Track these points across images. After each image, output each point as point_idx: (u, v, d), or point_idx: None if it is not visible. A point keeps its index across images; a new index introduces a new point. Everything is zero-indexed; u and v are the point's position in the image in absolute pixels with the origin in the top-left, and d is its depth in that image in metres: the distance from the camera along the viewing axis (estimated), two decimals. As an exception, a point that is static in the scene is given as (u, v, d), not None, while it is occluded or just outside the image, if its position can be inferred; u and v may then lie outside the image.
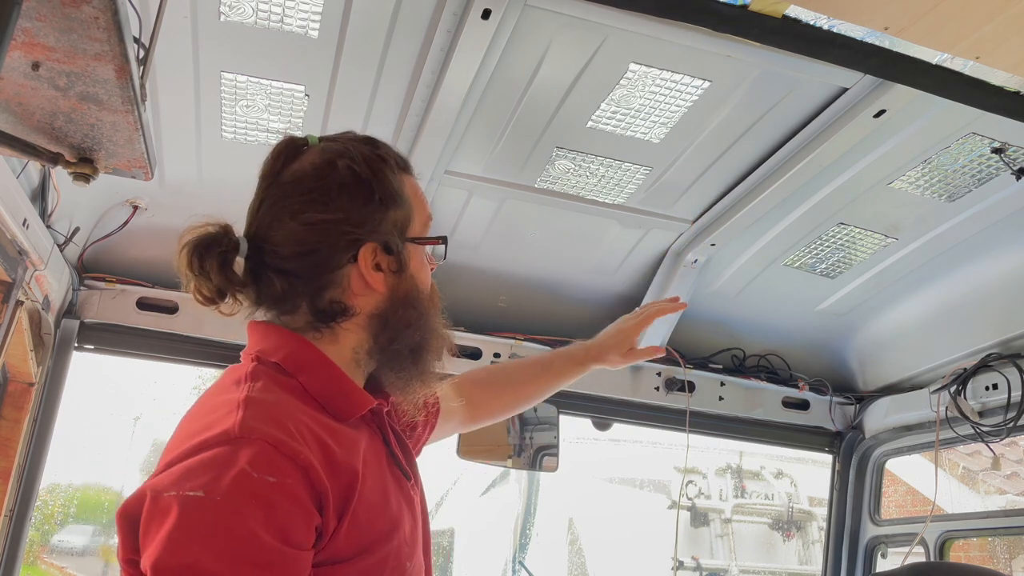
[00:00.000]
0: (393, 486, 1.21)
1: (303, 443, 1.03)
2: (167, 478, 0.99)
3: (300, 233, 1.19)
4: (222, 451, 0.99)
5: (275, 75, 2.02)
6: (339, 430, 1.14)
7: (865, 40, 1.67)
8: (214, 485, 0.96)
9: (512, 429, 2.89)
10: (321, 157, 1.23)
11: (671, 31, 1.83)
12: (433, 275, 1.37)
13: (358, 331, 1.23)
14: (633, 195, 2.50)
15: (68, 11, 1.02)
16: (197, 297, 1.21)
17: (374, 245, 1.22)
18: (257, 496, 0.96)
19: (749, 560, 10.04)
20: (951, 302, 2.74)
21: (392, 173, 1.27)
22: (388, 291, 1.24)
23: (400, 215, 1.26)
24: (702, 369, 3.09)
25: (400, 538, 1.15)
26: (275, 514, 0.97)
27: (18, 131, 1.37)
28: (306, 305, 1.21)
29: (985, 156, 2.15)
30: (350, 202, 1.20)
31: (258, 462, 0.98)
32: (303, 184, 1.21)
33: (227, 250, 1.20)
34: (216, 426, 1.03)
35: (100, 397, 8.63)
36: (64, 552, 8.44)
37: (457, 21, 1.83)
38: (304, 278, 1.20)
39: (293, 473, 1.00)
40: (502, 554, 9.53)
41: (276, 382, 1.15)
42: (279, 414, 1.07)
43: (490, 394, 1.84)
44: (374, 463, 1.18)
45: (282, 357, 1.18)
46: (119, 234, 2.55)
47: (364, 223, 1.21)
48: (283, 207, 1.21)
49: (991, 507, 7.37)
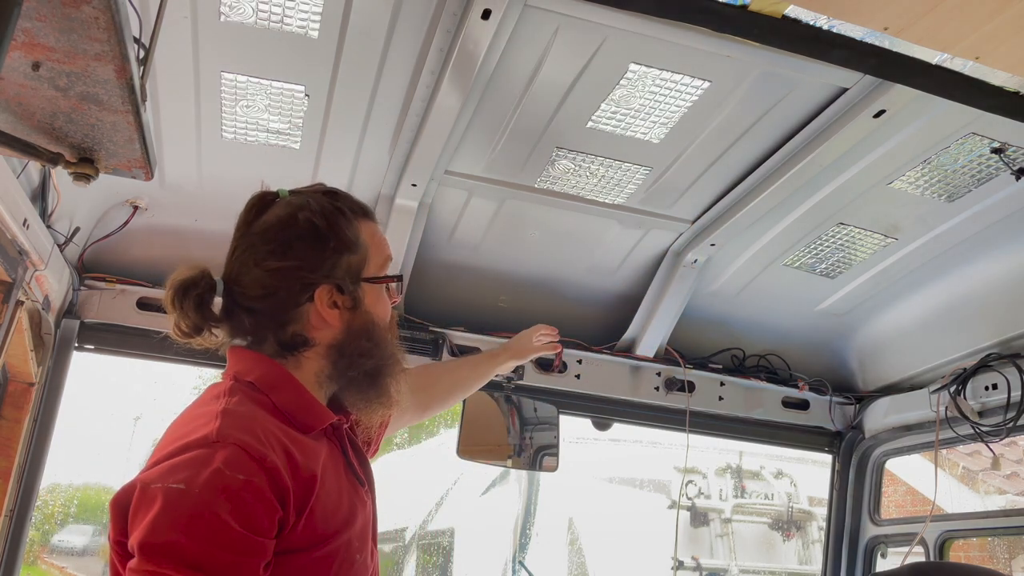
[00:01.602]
0: (348, 490, 1.39)
1: (270, 448, 1.22)
2: (155, 472, 1.17)
3: (263, 278, 1.38)
4: (202, 452, 1.18)
5: (275, 75, 2.02)
6: (302, 440, 1.33)
7: (865, 40, 1.67)
8: (194, 480, 1.14)
9: (512, 429, 2.90)
10: (285, 210, 1.42)
11: (671, 31, 1.83)
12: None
13: (318, 359, 1.43)
14: (633, 195, 2.50)
15: (68, 11, 1.02)
16: (175, 332, 1.40)
17: (329, 287, 1.40)
18: (228, 491, 1.14)
19: (749, 560, 10.04)
20: (951, 302, 2.75)
21: (348, 223, 1.44)
22: (344, 325, 1.43)
23: (355, 259, 1.44)
24: (702, 369, 3.09)
25: (352, 533, 1.34)
26: (243, 506, 1.15)
27: (18, 131, 1.37)
28: (272, 337, 1.41)
29: (985, 156, 2.15)
30: (306, 251, 1.39)
31: (231, 462, 1.17)
32: (267, 235, 1.40)
33: (203, 292, 1.39)
34: (198, 432, 1.22)
35: (100, 397, 8.64)
36: (64, 552, 8.44)
37: (457, 21, 1.83)
38: (268, 315, 1.40)
39: (260, 473, 1.18)
40: (502, 554, 9.54)
41: (250, 398, 1.34)
42: (251, 424, 1.26)
43: (430, 382, 2.17)
44: (332, 470, 1.37)
45: (255, 377, 1.37)
46: (119, 234, 2.55)
47: (318, 268, 1.40)
48: (250, 255, 1.40)
49: (991, 507, 7.37)
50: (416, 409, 2.09)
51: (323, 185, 1.52)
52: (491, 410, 2.88)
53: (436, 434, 11.23)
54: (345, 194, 1.51)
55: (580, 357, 2.98)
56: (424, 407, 2.15)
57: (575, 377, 2.97)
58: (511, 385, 2.88)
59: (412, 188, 2.41)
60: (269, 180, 2.41)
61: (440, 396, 2.24)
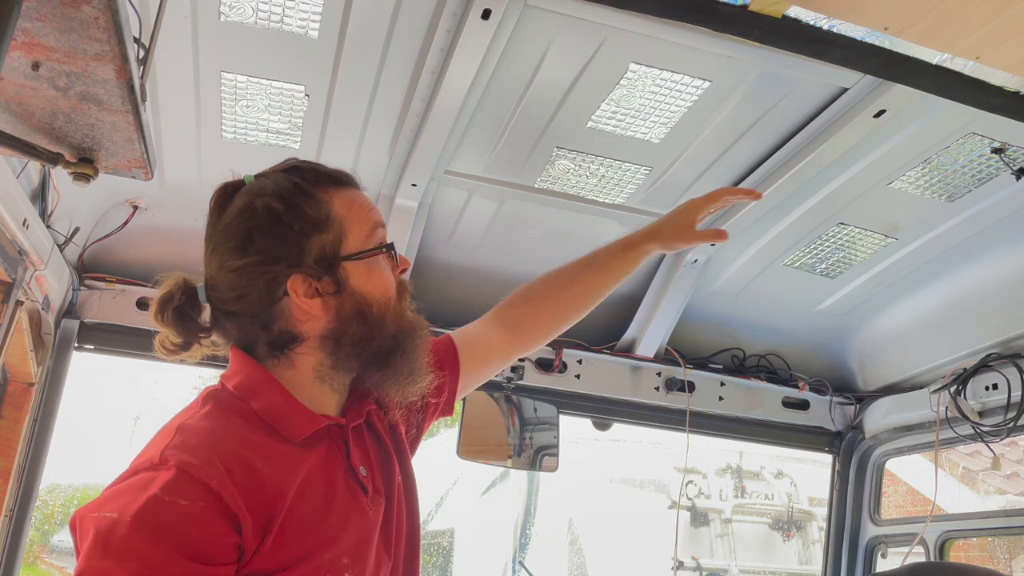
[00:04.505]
0: (343, 500, 1.26)
1: (219, 468, 1.12)
2: (94, 503, 1.12)
3: (230, 279, 1.27)
4: (143, 476, 1.11)
5: (275, 75, 2.02)
6: (279, 451, 1.22)
7: (865, 40, 1.67)
8: (127, 508, 1.07)
9: (512, 429, 2.90)
10: (243, 200, 1.29)
11: (671, 31, 1.83)
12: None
13: (313, 353, 1.30)
14: (633, 195, 2.50)
15: (68, 11, 1.02)
16: (161, 351, 1.35)
17: (301, 276, 1.26)
18: (165, 517, 1.07)
19: (749, 560, 10.04)
20: (951, 302, 2.74)
21: (310, 200, 1.29)
22: (332, 312, 1.29)
23: (327, 238, 1.29)
24: (702, 369, 3.09)
25: (339, 550, 1.21)
26: (183, 533, 1.07)
27: (18, 131, 1.37)
28: (260, 338, 1.30)
29: (985, 156, 2.14)
30: (266, 242, 1.26)
31: (169, 487, 1.09)
32: (228, 231, 1.28)
33: (180, 304, 1.31)
34: (149, 451, 1.16)
35: (100, 397, 8.64)
36: (64, 552, 8.44)
37: (457, 21, 1.83)
38: (248, 317, 1.29)
39: (204, 496, 1.09)
40: (502, 554, 9.54)
41: (227, 406, 1.25)
42: (202, 441, 1.16)
43: (529, 309, 1.78)
44: (321, 480, 1.24)
45: (235, 383, 1.28)
46: (119, 234, 2.55)
47: (281, 258, 1.26)
48: (217, 256, 1.29)
49: (991, 507, 7.37)
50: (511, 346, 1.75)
51: (290, 160, 1.37)
52: (491, 410, 2.88)
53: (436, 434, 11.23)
54: (310, 166, 1.35)
55: (580, 357, 2.98)
56: (524, 340, 1.78)
57: (575, 377, 2.97)
58: (511, 385, 2.88)
59: (412, 188, 2.41)
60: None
61: (548, 322, 1.80)
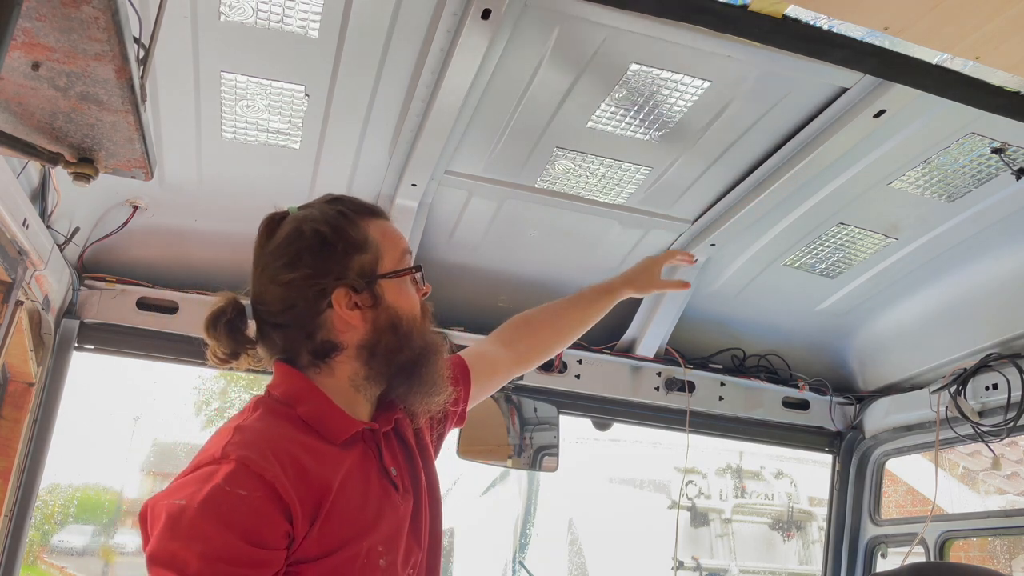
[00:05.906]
0: (377, 496, 1.42)
1: (274, 462, 1.27)
2: (163, 492, 1.27)
3: (281, 292, 1.43)
4: (207, 470, 1.26)
5: (275, 75, 2.02)
6: (324, 451, 1.38)
7: (865, 40, 1.67)
8: (194, 496, 1.22)
9: (512, 429, 2.90)
10: (292, 226, 1.47)
11: (671, 31, 1.83)
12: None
13: (351, 362, 1.46)
14: (633, 195, 2.50)
15: (68, 11, 1.02)
16: (213, 360, 1.49)
17: (344, 289, 1.43)
18: (227, 504, 1.22)
19: (749, 560, 10.04)
20: (951, 302, 2.74)
21: (352, 224, 1.47)
22: (369, 324, 1.45)
23: (367, 258, 1.47)
24: (702, 369, 3.09)
25: (375, 539, 1.37)
26: (242, 519, 1.22)
27: (18, 131, 1.37)
28: (304, 348, 1.45)
29: (985, 156, 2.15)
30: (314, 259, 1.43)
31: (230, 478, 1.23)
32: (278, 251, 1.45)
33: (231, 318, 1.48)
34: (211, 449, 1.31)
35: (100, 397, 8.64)
36: (64, 552, 8.44)
37: (457, 21, 1.83)
38: (295, 327, 1.44)
39: (261, 487, 1.24)
40: (502, 554, 9.53)
41: (274, 411, 1.41)
42: (258, 439, 1.32)
43: (529, 331, 2.06)
44: (359, 476, 1.40)
45: (282, 391, 1.44)
46: (119, 234, 2.55)
47: (328, 273, 1.43)
48: (266, 274, 1.45)
49: (991, 507, 7.37)
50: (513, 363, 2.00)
51: (330, 195, 1.56)
52: (491, 410, 2.88)
53: (436, 434, 11.21)
54: (349, 198, 1.54)
55: (580, 357, 2.99)
56: (523, 359, 2.03)
57: (575, 377, 2.97)
58: (511, 385, 2.88)
59: (412, 188, 2.41)
60: (269, 180, 2.43)
61: (543, 345, 2.08)
